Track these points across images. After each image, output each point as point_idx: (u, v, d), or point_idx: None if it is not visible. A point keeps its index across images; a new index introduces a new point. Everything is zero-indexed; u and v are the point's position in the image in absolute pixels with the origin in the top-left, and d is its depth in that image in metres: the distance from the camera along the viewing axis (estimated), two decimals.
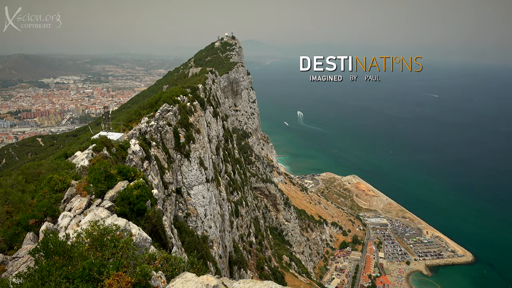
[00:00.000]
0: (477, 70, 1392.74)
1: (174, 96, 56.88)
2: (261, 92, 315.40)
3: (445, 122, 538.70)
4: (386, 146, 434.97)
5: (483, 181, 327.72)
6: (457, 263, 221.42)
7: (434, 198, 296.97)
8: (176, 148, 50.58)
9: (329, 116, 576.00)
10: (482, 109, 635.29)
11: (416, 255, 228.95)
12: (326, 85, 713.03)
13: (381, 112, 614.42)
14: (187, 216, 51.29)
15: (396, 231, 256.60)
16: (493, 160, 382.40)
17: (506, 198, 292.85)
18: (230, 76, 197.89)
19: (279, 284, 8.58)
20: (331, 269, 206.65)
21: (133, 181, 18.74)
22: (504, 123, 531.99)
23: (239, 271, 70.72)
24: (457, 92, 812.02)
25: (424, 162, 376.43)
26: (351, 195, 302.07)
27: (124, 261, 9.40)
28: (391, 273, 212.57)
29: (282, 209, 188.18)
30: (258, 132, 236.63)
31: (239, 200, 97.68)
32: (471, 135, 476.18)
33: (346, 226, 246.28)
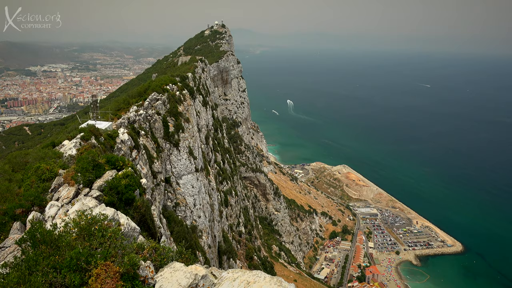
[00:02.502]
0: (468, 60, 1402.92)
1: (163, 85, 56.41)
2: (251, 81, 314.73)
3: (436, 112, 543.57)
4: (377, 136, 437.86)
5: (474, 171, 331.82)
6: (446, 253, 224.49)
7: (425, 188, 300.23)
8: (165, 137, 50.28)
9: (319, 106, 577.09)
10: (473, 99, 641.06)
11: (405, 245, 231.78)
12: (317, 74, 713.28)
13: (372, 102, 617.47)
14: (176, 206, 51.19)
15: (386, 221, 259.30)
16: (484, 150, 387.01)
17: (496, 189, 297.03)
18: (220, 65, 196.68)
19: (268, 274, 8.59)
20: (321, 259, 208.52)
21: (121, 171, 18.59)
22: (496, 113, 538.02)
23: (229, 261, 71.02)
24: (449, 82, 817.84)
25: (415, 152, 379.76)
26: (341, 185, 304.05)
27: (112, 251, 9.35)
28: (380, 263, 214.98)
29: (271, 199, 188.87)
30: (248, 122, 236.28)
31: (229, 190, 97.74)
32: (462, 125, 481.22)
33: (336, 216, 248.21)
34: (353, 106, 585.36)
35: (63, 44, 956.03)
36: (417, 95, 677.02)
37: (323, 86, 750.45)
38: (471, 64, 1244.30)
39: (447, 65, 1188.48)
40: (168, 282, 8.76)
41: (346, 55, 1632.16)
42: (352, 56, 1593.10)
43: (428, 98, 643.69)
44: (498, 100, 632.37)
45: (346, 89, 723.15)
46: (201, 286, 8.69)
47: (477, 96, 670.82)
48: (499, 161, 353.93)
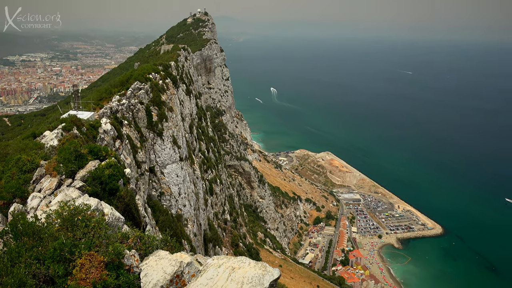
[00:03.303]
0: (452, 47, 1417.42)
1: (145, 74, 55.75)
2: (234, 70, 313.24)
3: (418, 99, 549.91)
4: (359, 123, 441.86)
5: (454, 156, 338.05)
6: (427, 236, 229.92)
7: (406, 174, 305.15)
8: (148, 126, 49.88)
9: (303, 93, 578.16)
10: (454, 86, 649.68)
11: (387, 228, 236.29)
12: (301, 61, 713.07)
13: (355, 89, 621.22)
14: (161, 195, 51.10)
15: (368, 206, 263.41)
16: (464, 136, 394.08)
17: (474, 174, 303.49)
18: (203, 53, 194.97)
19: (253, 260, 8.70)
20: (305, 244, 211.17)
21: (104, 161, 18.44)
22: (476, 99, 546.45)
23: (214, 248, 71.40)
24: (431, 69, 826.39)
25: (396, 139, 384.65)
26: (325, 172, 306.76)
27: (96, 241, 9.33)
28: (363, 246, 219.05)
29: (256, 187, 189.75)
30: (232, 110, 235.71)
31: (213, 178, 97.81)
32: (443, 111, 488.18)
33: (319, 202, 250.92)
34: (336, 93, 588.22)
35: (43, 33, 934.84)
36: (399, 82, 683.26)
37: (307, 74, 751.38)
38: (454, 51, 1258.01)
39: (430, 52, 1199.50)
40: (153, 270, 8.80)
41: (330, 42, 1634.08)
42: (336, 43, 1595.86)
43: (410, 85, 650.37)
44: (479, 86, 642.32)
45: (329, 77, 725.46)
46: (187, 273, 8.76)
47: (458, 83, 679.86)
48: (477, 147, 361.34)
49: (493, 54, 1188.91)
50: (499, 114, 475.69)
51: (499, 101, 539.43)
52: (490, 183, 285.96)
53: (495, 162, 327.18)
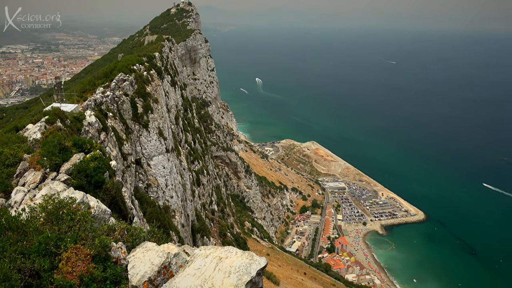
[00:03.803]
0: (438, 37, 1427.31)
1: (130, 65, 55.08)
2: (219, 60, 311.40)
3: (401, 88, 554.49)
4: (344, 112, 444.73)
5: (435, 144, 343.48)
6: (410, 222, 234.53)
7: (389, 161, 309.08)
8: (134, 118, 49.46)
9: (288, 83, 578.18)
10: (438, 75, 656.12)
11: (372, 216, 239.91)
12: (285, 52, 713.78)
13: (339, 79, 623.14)
14: (148, 187, 50.91)
15: (353, 194, 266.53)
16: (446, 124, 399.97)
17: (455, 160, 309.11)
18: (188, 44, 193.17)
19: (241, 249, 8.78)
20: (292, 233, 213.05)
21: (89, 153, 18.27)
22: (457, 88, 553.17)
23: (202, 238, 71.57)
24: (416, 59, 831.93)
25: (380, 127, 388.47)
26: (310, 161, 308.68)
27: (82, 234, 9.28)
28: (349, 234, 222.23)
29: (243, 177, 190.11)
30: (218, 101, 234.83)
31: (200, 169, 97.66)
32: (425, 100, 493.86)
33: (305, 191, 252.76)
34: (321, 83, 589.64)
35: None
36: (383, 72, 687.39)
37: (292, 64, 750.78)
38: (441, 41, 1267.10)
39: (416, 42, 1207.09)
40: (141, 262, 8.82)
41: (315, 33, 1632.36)
42: (322, 34, 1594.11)
43: (394, 75, 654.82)
44: (463, 76, 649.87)
45: (314, 67, 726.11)
46: (174, 264, 8.80)
47: (443, 72, 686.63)
48: (458, 135, 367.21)
49: (480, 43, 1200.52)
50: (479, 102, 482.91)
51: (481, 90, 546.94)
52: (468, 169, 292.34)
53: (473, 148, 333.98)
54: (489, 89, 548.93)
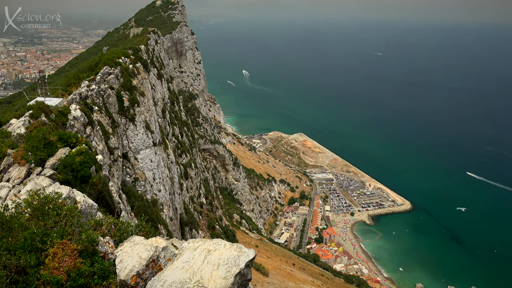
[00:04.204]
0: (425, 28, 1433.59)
1: (115, 58, 54.43)
2: (206, 53, 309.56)
3: (387, 80, 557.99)
4: (331, 104, 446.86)
5: (420, 134, 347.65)
6: (397, 212, 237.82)
7: (376, 152, 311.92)
8: (120, 112, 48.98)
9: (275, 75, 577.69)
10: (422, 66, 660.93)
11: (359, 206, 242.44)
12: (272, 44, 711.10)
13: (327, 70, 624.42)
14: (135, 181, 50.64)
15: (341, 185, 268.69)
16: (429, 113, 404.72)
17: (440, 150, 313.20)
18: (174, 37, 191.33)
19: (230, 242, 8.80)
20: (280, 224, 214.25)
21: (75, 148, 18.07)
22: (442, 79, 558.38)
23: (191, 231, 71.58)
24: (400, 50, 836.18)
25: (367, 118, 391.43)
26: (298, 153, 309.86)
27: (68, 229, 9.20)
28: (337, 224, 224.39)
29: (231, 169, 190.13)
30: (205, 93, 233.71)
31: (188, 162, 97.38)
32: (411, 91, 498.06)
33: (294, 183, 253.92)
34: (308, 75, 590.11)
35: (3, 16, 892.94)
36: (370, 63, 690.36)
37: (279, 56, 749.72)
38: (428, 32, 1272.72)
39: (403, 33, 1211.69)
40: (128, 256, 8.79)
41: (303, 24, 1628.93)
42: (310, 25, 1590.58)
43: (380, 66, 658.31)
44: (448, 67, 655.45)
45: (301, 59, 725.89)
46: (162, 257, 8.79)
47: (428, 63, 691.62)
48: (442, 124, 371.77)
49: (468, 34, 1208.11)
50: (463, 93, 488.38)
51: (465, 80, 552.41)
52: (452, 159, 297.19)
53: (457, 138, 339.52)
54: (474, 80, 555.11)
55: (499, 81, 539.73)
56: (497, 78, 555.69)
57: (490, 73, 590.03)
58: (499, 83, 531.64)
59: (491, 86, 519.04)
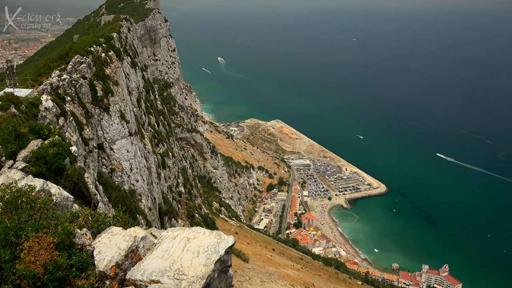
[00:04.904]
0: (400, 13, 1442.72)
1: (86, 47, 53.00)
2: (180, 40, 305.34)
3: (361, 64, 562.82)
4: (306, 89, 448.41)
5: (393, 118, 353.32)
6: (373, 195, 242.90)
7: (351, 137, 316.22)
8: (93, 102, 47.97)
9: (251, 62, 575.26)
10: (395, 51, 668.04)
11: (336, 190, 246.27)
12: (247, 31, 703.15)
13: (301, 56, 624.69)
14: (112, 172, 49.96)
15: (318, 170, 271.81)
16: (403, 98, 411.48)
17: (414, 133, 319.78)
18: (147, 24, 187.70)
19: (208, 229, 8.81)
20: (260, 211, 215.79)
21: (47, 139, 17.64)
22: (414, 64, 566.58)
23: (170, 221, 71.35)
24: (373, 36, 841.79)
25: (341, 103, 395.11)
26: (276, 139, 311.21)
27: (43, 222, 9.02)
28: (315, 209, 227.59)
29: (209, 158, 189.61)
30: (180, 82, 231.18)
31: (165, 152, 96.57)
32: (384, 75, 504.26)
33: (272, 169, 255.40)
34: (284, 61, 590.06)
35: None
36: (345, 48, 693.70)
37: (254, 43, 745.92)
38: (401, 18, 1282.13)
39: (378, 19, 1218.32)
40: (107, 247, 8.71)
41: (278, 10, 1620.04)
42: (287, 11, 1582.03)
43: (355, 52, 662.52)
44: (420, 52, 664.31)
45: (276, 45, 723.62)
46: (141, 247, 8.75)
47: (401, 49, 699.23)
48: (416, 108, 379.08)
49: (444, 22, 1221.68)
50: (433, 76, 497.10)
51: (437, 64, 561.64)
52: (423, 141, 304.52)
53: (426, 121, 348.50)
54: (446, 65, 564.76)
55: (471, 67, 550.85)
56: (469, 64, 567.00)
57: (463, 59, 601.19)
58: (471, 68, 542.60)
59: (463, 71, 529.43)
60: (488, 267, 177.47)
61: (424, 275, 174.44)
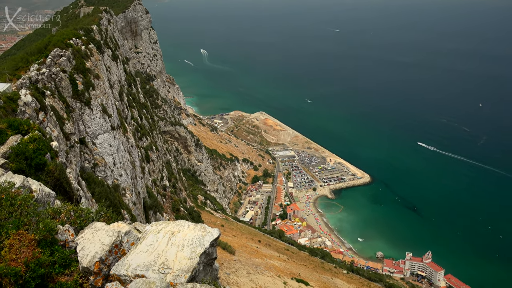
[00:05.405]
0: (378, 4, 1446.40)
1: (66, 40, 51.91)
2: (162, 32, 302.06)
3: (343, 56, 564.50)
4: (289, 81, 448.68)
5: (376, 109, 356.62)
6: (357, 185, 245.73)
7: (335, 128, 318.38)
8: (74, 96, 47.16)
9: (234, 54, 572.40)
10: (377, 41, 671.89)
11: (321, 181, 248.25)
12: (229, 22, 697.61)
13: (284, 48, 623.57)
14: (94, 167, 49.35)
15: (303, 161, 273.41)
16: (385, 88, 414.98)
17: (395, 123, 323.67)
18: (127, 16, 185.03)
19: (193, 223, 8.79)
20: (245, 203, 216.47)
21: (27, 135, 17.33)
22: (393, 53, 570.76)
23: (155, 215, 71.02)
24: (357, 26, 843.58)
25: (325, 95, 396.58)
26: (260, 131, 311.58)
27: (24, 219, 8.87)
28: (300, 200, 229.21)
29: (193, 151, 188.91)
30: (163, 74, 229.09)
31: (149, 146, 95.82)
32: (366, 66, 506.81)
33: (256, 161, 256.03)
34: (267, 53, 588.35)
35: None
36: (328, 39, 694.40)
37: (237, 34, 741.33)
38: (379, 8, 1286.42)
39: (356, 8, 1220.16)
40: (90, 242, 8.62)
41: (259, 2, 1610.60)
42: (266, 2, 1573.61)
43: (337, 42, 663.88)
44: (399, 40, 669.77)
45: (259, 37, 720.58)
46: (126, 242, 8.68)
47: (381, 38, 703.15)
48: (397, 99, 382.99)
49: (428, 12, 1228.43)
50: (413, 66, 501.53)
51: (416, 54, 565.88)
52: (404, 130, 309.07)
53: (406, 109, 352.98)
54: (425, 54, 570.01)
55: (450, 56, 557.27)
56: (448, 54, 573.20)
57: (443, 49, 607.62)
58: (450, 58, 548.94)
59: (442, 61, 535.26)
60: (469, 253, 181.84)
61: (407, 262, 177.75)
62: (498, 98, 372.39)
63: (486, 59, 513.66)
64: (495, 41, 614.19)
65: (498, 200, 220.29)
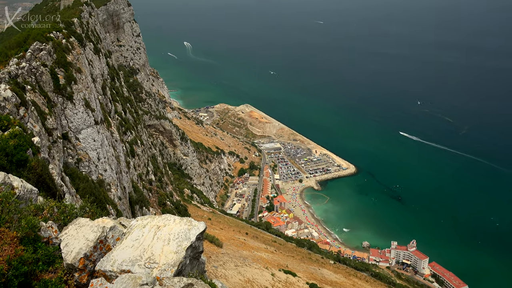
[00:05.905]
0: None
1: (46, 33, 50.82)
2: (144, 25, 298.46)
3: (329, 48, 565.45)
4: (274, 72, 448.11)
5: (361, 100, 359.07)
6: (342, 176, 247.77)
7: (320, 119, 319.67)
8: (56, 90, 46.31)
9: (218, 47, 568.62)
10: (362, 33, 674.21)
11: (307, 173, 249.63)
12: (213, 14, 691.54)
13: (267, 40, 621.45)
14: (78, 162, 48.70)
15: (289, 153, 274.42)
16: (370, 80, 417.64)
17: (381, 114, 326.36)
18: (109, 8, 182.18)
19: (179, 216, 8.74)
20: (232, 196, 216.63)
21: (7, 131, 16.99)
22: (382, 45, 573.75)
23: (141, 210, 70.61)
24: (340, 18, 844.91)
25: (309, 86, 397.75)
26: (246, 124, 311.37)
27: (6, 216, 8.70)
28: (286, 192, 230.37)
29: (179, 144, 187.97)
30: (147, 68, 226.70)
31: (134, 140, 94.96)
32: (352, 58, 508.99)
33: (242, 154, 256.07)
34: (250, 45, 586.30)
35: None
36: (312, 31, 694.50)
37: (221, 26, 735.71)
38: None
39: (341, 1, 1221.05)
40: (74, 239, 8.51)
41: None
42: None
43: (322, 34, 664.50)
44: (382, 32, 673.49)
45: (243, 29, 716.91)
46: (111, 237, 8.59)
47: (365, 30, 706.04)
48: (382, 90, 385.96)
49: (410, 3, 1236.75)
50: (396, 57, 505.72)
51: (399, 46, 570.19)
52: (389, 121, 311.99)
53: (388, 99, 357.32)
54: (406, 45, 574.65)
55: (431, 47, 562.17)
56: (429, 44, 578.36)
57: (424, 39, 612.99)
58: (431, 48, 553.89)
59: (423, 51, 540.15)
60: (453, 241, 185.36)
61: (393, 251, 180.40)
62: (482, 90, 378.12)
63: (472, 51, 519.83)
64: (481, 34, 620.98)
65: (479, 188, 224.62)
